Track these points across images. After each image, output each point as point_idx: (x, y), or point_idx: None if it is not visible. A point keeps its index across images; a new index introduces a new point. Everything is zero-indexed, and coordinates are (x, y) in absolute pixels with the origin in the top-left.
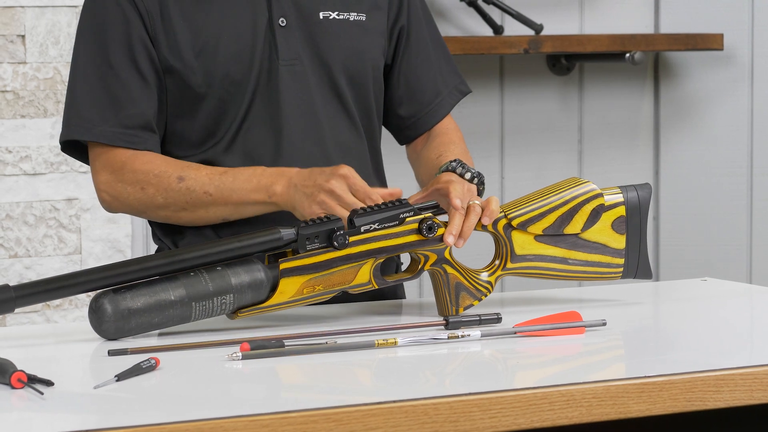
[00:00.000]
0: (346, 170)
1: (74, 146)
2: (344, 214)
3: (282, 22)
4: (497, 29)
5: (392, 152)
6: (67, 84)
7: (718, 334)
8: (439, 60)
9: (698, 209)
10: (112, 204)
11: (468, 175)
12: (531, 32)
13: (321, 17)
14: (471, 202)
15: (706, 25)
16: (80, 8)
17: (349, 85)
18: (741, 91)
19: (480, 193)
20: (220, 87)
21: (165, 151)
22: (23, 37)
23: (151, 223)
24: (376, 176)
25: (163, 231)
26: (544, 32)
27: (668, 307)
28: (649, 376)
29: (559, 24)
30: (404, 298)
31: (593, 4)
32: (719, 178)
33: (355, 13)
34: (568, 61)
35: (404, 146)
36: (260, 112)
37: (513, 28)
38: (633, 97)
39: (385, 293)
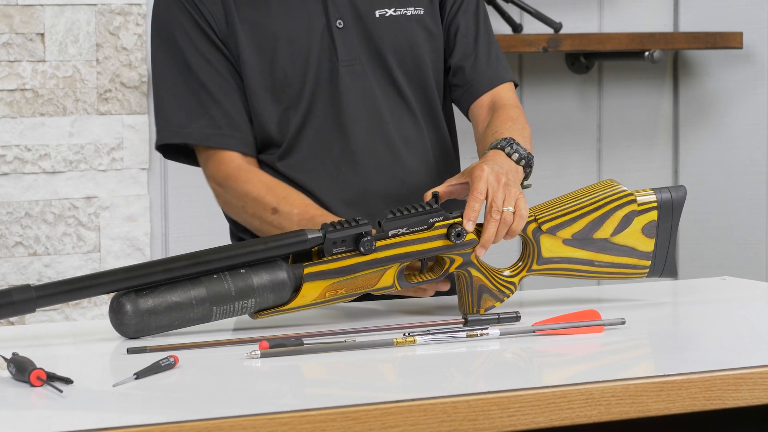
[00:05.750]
0: None
1: (176, 151)
2: None
3: (339, 24)
4: (516, 27)
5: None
6: (153, 96)
7: (737, 333)
8: (489, 44)
9: (717, 208)
10: (224, 209)
11: (515, 156)
12: (550, 31)
13: (377, 15)
14: (505, 209)
15: (725, 23)
16: (99, 6)
17: (407, 80)
18: (760, 89)
19: (527, 176)
20: (279, 90)
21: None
22: (42, 35)
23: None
24: (445, 167)
25: (236, 226)
26: (563, 31)
27: (687, 305)
28: (668, 375)
29: (578, 22)
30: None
31: (612, 2)
32: (738, 177)
33: (413, 8)
34: (587, 60)
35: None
36: (323, 113)
37: (532, 27)
38: (652, 96)
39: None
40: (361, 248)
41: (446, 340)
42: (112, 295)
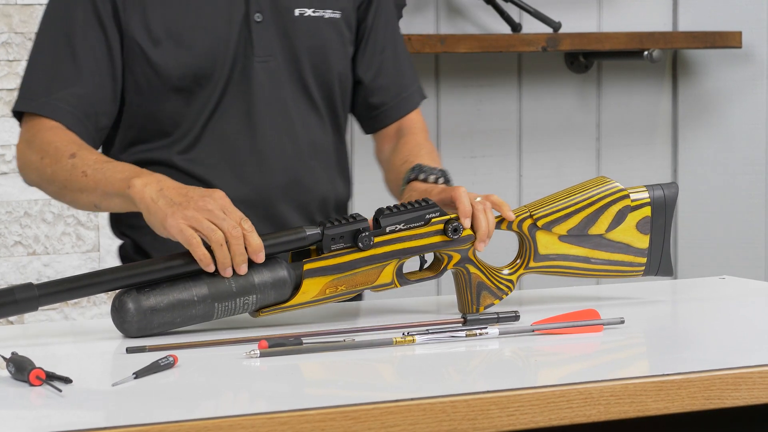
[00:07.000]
0: (222, 194)
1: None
2: (212, 229)
3: (258, 17)
4: (515, 27)
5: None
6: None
7: (736, 333)
8: (405, 58)
9: (716, 207)
10: (21, 171)
11: (432, 178)
12: (549, 30)
13: (297, 14)
14: (478, 200)
15: (724, 22)
16: None
17: (316, 84)
18: (759, 89)
19: None
20: (191, 79)
21: (138, 139)
22: None
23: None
24: (340, 173)
25: (127, 224)
26: (562, 30)
27: (686, 305)
28: (667, 374)
29: (577, 22)
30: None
31: (611, 1)
32: (737, 176)
33: (331, 10)
34: (586, 59)
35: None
36: (233, 106)
37: (531, 26)
38: (651, 95)
39: None
40: (360, 244)
41: (445, 339)
42: (112, 295)
